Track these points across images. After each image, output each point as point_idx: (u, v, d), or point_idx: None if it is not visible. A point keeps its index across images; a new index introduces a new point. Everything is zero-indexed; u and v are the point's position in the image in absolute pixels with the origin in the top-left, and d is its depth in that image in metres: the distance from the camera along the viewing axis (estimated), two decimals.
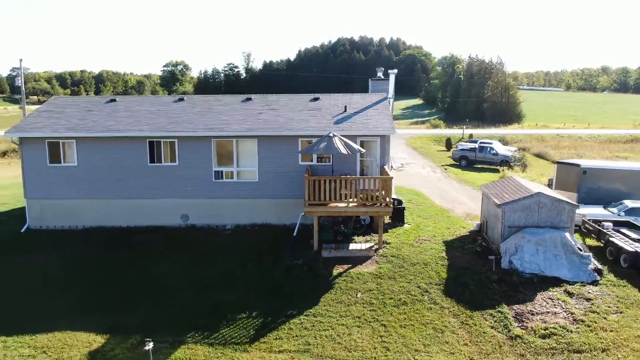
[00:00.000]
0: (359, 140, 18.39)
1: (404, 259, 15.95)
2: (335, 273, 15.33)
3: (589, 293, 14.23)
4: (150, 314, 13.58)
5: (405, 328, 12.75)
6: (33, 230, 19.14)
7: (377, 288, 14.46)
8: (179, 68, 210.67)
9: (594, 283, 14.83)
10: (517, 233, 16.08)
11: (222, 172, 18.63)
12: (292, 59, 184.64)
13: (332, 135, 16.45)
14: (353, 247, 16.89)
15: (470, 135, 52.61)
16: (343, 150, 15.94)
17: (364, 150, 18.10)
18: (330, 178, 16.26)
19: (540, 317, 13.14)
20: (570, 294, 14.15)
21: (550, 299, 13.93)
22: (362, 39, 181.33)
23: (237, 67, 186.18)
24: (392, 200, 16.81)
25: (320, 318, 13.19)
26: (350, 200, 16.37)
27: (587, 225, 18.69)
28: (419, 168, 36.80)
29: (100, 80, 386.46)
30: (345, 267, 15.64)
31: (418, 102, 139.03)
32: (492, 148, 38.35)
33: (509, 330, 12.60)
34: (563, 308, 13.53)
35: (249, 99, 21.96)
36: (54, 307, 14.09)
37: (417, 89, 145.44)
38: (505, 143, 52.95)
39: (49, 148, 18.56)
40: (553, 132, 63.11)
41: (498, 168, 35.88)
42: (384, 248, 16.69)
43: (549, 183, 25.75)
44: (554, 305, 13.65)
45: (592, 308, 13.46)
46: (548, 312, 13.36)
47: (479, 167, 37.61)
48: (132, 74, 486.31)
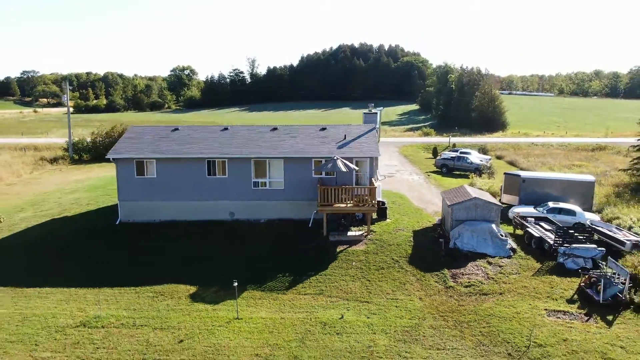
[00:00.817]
0: (355, 160, 26.04)
1: (384, 242, 23.72)
2: (338, 250, 23.08)
3: (503, 263, 21.96)
4: (220, 275, 21.28)
5: (382, 282, 20.50)
6: (123, 223, 26.91)
7: (365, 259, 22.22)
8: (186, 73, 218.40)
9: (509, 257, 22.55)
10: (461, 224, 23.81)
11: (258, 182, 26.38)
12: (295, 65, 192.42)
13: (335, 158, 24.20)
14: (350, 234, 24.63)
15: (454, 145, 60.20)
16: (343, 169, 23.71)
17: (358, 168, 25.83)
18: (335, 187, 24.03)
19: (467, 276, 20.88)
20: (490, 263, 21.88)
21: (476, 266, 21.67)
22: (361, 46, 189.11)
23: (242, 72, 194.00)
24: (377, 202, 24.58)
25: (329, 276, 20.94)
26: (348, 202, 24.14)
27: (516, 220, 26.43)
28: (407, 175, 44.39)
29: (107, 84, 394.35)
30: (345, 246, 23.39)
31: (415, 107, 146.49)
32: (467, 158, 46.05)
33: (446, 283, 20.34)
34: (483, 271, 21.27)
35: (275, 129, 29.52)
36: (157, 271, 21.83)
37: (414, 95, 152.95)
38: (485, 151, 60.50)
39: (136, 165, 26.28)
40: (531, 140, 70.77)
41: (470, 175, 43.53)
42: (371, 234, 24.44)
43: (501, 188, 33.46)
44: (477, 270, 21.40)
45: (500, 271, 21.22)
46: (472, 273, 21.11)
47: (457, 173, 45.17)
48: (136, 76, 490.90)
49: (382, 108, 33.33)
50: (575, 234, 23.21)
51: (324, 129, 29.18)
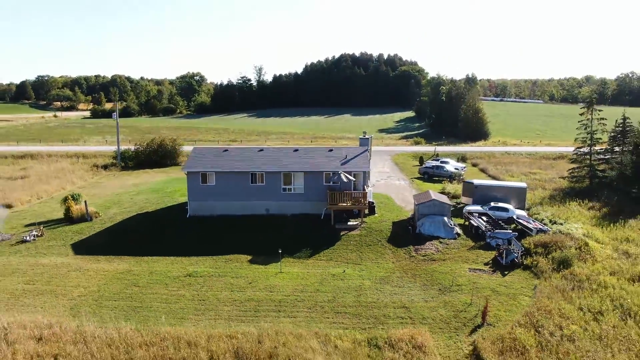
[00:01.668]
0: (352, 173, 37.50)
1: (372, 229, 35.25)
2: (341, 234, 34.58)
3: (449, 242, 33.44)
4: (264, 249, 32.72)
5: (369, 253, 32.00)
6: (192, 217, 38.44)
7: (359, 239, 33.75)
8: (196, 79, 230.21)
9: (454, 238, 34.01)
10: (424, 217, 35.27)
11: (286, 188, 37.87)
12: (299, 73, 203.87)
13: (340, 172, 35.72)
14: (350, 223, 36.11)
15: (437, 154, 71.58)
16: (345, 180, 35.24)
17: (354, 179, 37.31)
18: (339, 192, 35.53)
19: (424, 250, 32.36)
20: (441, 242, 33.36)
21: (432, 244, 33.13)
22: (362, 55, 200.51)
23: (250, 80, 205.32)
24: (368, 202, 36.09)
25: (335, 250, 32.45)
26: (348, 202, 35.63)
27: (466, 214, 37.91)
28: (395, 180, 55.77)
29: (116, 86, 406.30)
30: (346, 232, 34.89)
31: (411, 114, 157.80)
32: (444, 167, 57.49)
33: (410, 254, 31.83)
34: (435, 247, 32.74)
35: (296, 150, 40.93)
36: (222, 247, 33.29)
37: (411, 102, 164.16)
38: (464, 160, 71.87)
39: (201, 176, 37.82)
40: (505, 149, 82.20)
41: (444, 180, 54.90)
42: (363, 224, 35.94)
43: (462, 192, 44.84)
44: (432, 246, 32.86)
45: (447, 247, 32.71)
46: (428, 248, 32.57)
47: (436, 179, 56.51)
48: (143, 79, 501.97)
49: (371, 136, 44.50)
50: (500, 223, 34.81)
51: (331, 150, 40.68)
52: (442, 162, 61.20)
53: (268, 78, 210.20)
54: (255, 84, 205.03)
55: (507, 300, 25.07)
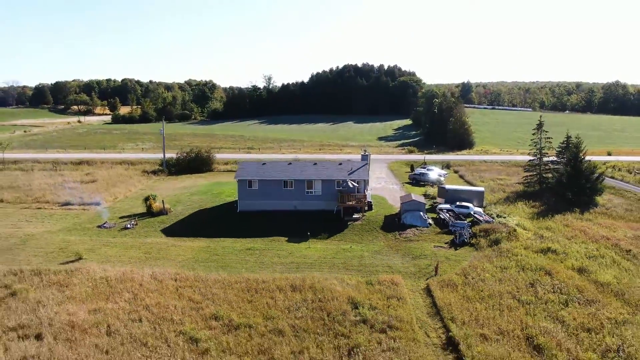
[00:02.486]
0: (356, 180, 52.39)
1: (370, 220, 50.26)
2: (349, 224, 49.56)
3: (423, 229, 48.34)
4: (295, 233, 47.62)
5: (368, 236, 46.94)
6: (241, 211, 53.44)
7: (360, 227, 48.74)
8: (208, 86, 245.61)
9: (427, 227, 48.93)
10: (406, 212, 50.20)
11: (308, 191, 52.82)
12: (305, 82, 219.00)
13: (347, 180, 50.68)
14: (354, 216, 51.04)
15: (425, 163, 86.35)
16: (351, 186, 50.24)
17: (358, 185, 52.23)
18: (347, 194, 50.53)
19: (405, 234, 47.27)
20: (417, 229, 48.27)
21: (411, 230, 48.02)
22: (364, 66, 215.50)
23: (259, 88, 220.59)
24: (367, 202, 51.10)
25: (344, 234, 47.41)
26: (353, 202, 50.63)
27: (437, 210, 52.84)
28: (390, 185, 70.68)
29: (127, 90, 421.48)
30: (351, 222, 49.86)
31: (408, 122, 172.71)
32: (427, 174, 72.36)
33: (395, 237, 46.74)
34: (413, 232, 47.67)
35: (315, 164, 55.91)
36: (266, 232, 48.24)
37: (409, 110, 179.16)
38: (448, 167, 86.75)
39: (247, 183, 52.84)
40: (484, 157, 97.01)
41: (427, 185, 69.68)
42: (364, 217, 50.93)
43: (440, 193, 59.65)
44: (411, 232, 47.72)
45: (421, 232, 47.62)
46: (408, 233, 47.48)
47: (422, 184, 71.40)
48: (152, 82, 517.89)
49: (369, 154, 59.31)
50: (460, 216, 49.77)
51: (341, 164, 55.68)
52: (427, 169, 76.19)
53: (277, 84, 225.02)
54: (265, 92, 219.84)
55: (453, 263, 39.96)
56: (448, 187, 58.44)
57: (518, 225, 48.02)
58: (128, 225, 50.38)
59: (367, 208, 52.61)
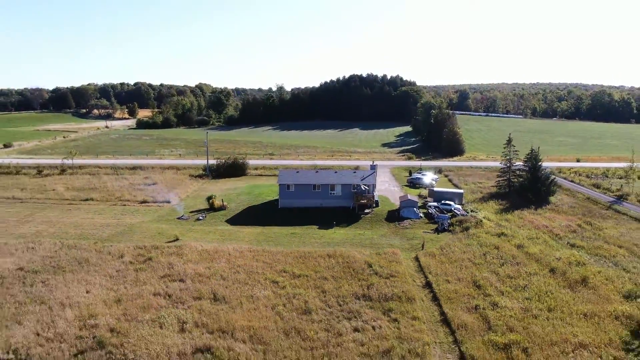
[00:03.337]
0: (367, 184, 70.66)
1: (377, 213, 68.69)
2: (362, 216, 67.98)
3: (416, 221, 66.69)
4: (323, 222, 65.92)
5: (375, 224, 65.29)
6: (281, 207, 71.84)
7: (370, 219, 67.15)
8: (224, 94, 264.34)
9: (419, 219, 67.31)
10: (403, 208, 68.57)
11: (331, 192, 71.14)
12: (314, 90, 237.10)
13: (360, 184, 69.11)
14: (366, 211, 69.41)
15: (420, 168, 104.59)
16: (363, 188, 68.67)
17: (368, 187, 70.55)
18: (359, 194, 68.96)
19: (403, 224, 65.61)
20: (412, 221, 66.63)
21: (407, 222, 66.39)
22: (368, 76, 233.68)
23: (272, 96, 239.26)
24: (375, 200, 69.55)
25: (359, 223, 65.81)
26: (365, 200, 69.05)
27: (427, 206, 71.20)
28: (392, 187, 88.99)
29: (139, 93, 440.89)
30: (364, 215, 68.27)
31: (408, 129, 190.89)
32: (422, 178, 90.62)
33: (396, 226, 65.09)
34: (408, 223, 66.00)
35: (336, 172, 74.32)
36: (301, 222, 66.56)
37: (409, 118, 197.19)
38: (440, 171, 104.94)
39: (287, 186, 71.28)
40: (470, 163, 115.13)
41: (421, 187, 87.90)
42: (372, 212, 69.33)
43: (428, 194, 77.96)
44: (407, 222, 66.06)
45: (415, 223, 65.94)
46: (405, 223, 65.85)
47: (417, 186, 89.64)
48: (162, 85, 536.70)
49: (376, 164, 77.66)
50: (444, 211, 68.17)
51: (355, 172, 74.10)
52: (422, 174, 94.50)
53: (287, 87, 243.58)
54: (277, 100, 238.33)
55: (435, 242, 58.22)
56: (436, 189, 76.80)
57: (484, 218, 66.30)
58: (200, 217, 68.87)
59: (375, 205, 70.97)
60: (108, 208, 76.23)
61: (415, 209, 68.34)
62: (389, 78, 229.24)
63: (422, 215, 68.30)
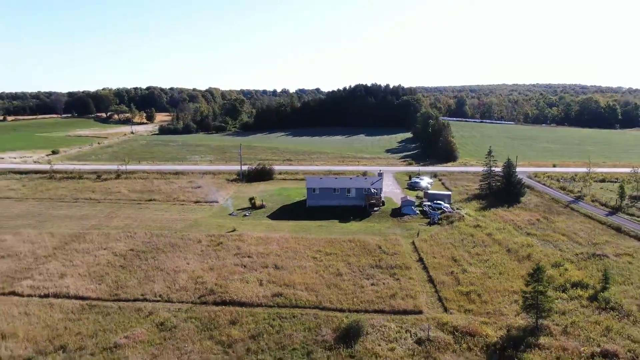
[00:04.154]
0: (376, 188, 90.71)
1: (383, 211, 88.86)
2: (372, 213, 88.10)
3: (414, 216, 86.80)
4: (342, 217, 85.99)
5: (382, 219, 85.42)
6: (309, 206, 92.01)
7: (378, 215, 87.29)
8: (239, 101, 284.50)
9: (416, 215, 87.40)
10: (403, 206, 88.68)
11: (348, 194, 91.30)
12: (323, 98, 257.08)
13: (370, 188, 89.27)
14: (375, 209, 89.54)
15: (419, 173, 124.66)
16: (372, 191, 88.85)
17: (376, 190, 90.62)
18: (370, 196, 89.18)
19: (403, 219, 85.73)
20: (410, 216, 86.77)
21: (407, 217, 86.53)
22: (373, 86, 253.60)
23: (284, 104, 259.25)
24: (381, 200, 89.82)
25: (369, 219, 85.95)
26: (374, 200, 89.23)
27: (422, 205, 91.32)
28: (395, 189, 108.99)
29: (153, 98, 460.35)
30: (373, 212, 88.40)
31: (410, 135, 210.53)
32: (419, 182, 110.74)
33: (398, 220, 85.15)
34: (408, 217, 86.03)
35: (351, 178, 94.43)
36: (326, 217, 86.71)
37: (410, 125, 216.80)
38: (436, 176, 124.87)
39: (313, 189, 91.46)
40: (461, 169, 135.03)
41: (418, 190, 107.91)
42: (380, 209, 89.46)
43: (424, 195, 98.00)
44: (407, 217, 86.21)
45: (413, 218, 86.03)
46: (405, 218, 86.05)
47: (416, 189, 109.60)
48: (172, 89, 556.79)
49: (382, 172, 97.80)
50: (435, 209, 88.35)
51: (366, 178, 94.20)
52: (420, 179, 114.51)
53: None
54: (289, 108, 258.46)
55: (427, 232, 78.21)
56: (429, 192, 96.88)
57: (466, 214, 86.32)
58: (246, 214, 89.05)
59: (382, 204, 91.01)
60: (170, 207, 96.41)
61: (413, 207, 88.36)
62: (391, 88, 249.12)
63: (418, 212, 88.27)
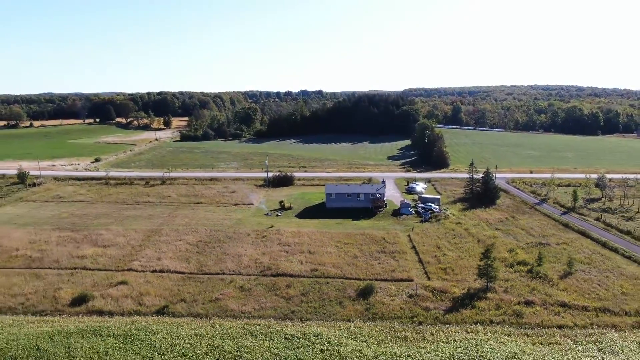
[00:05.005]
0: (380, 193, 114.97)
1: (386, 212, 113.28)
2: (377, 213, 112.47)
3: (410, 216, 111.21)
4: (355, 216, 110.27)
5: (384, 218, 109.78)
6: (328, 208, 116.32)
7: (382, 215, 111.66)
8: (252, 110, 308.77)
9: (412, 214, 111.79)
10: (402, 207, 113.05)
11: (358, 198, 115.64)
12: (330, 108, 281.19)
13: (375, 193, 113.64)
14: (379, 210, 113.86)
15: (415, 179, 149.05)
16: (378, 196, 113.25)
17: (381, 195, 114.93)
18: (375, 199, 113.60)
19: (402, 218, 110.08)
20: (407, 216, 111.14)
21: (404, 216, 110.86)
22: (375, 96, 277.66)
23: (294, 113, 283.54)
24: (384, 203, 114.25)
25: (375, 218, 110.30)
26: (378, 203, 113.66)
27: (417, 207, 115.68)
28: (395, 194, 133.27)
29: (166, 103, 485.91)
30: (378, 213, 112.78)
31: (409, 142, 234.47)
32: (415, 187, 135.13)
33: (397, 219, 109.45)
34: (405, 217, 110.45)
35: (360, 185, 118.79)
36: (341, 216, 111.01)
37: (409, 133, 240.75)
38: (429, 181, 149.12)
39: (330, 194, 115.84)
40: (450, 175, 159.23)
41: (414, 194, 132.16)
42: (383, 211, 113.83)
43: (418, 198, 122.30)
44: (404, 217, 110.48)
45: (409, 217, 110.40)
46: (403, 217, 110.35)
47: (413, 193, 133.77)
48: (182, 93, 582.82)
49: (385, 181, 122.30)
50: (426, 210, 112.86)
51: (372, 185, 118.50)
52: (416, 184, 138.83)
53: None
54: (299, 116, 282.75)
55: (420, 227, 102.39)
56: (423, 196, 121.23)
57: (451, 214, 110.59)
58: (278, 214, 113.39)
59: (385, 206, 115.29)
60: (216, 208, 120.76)
61: (409, 208, 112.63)
62: (392, 98, 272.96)
63: (413, 212, 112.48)
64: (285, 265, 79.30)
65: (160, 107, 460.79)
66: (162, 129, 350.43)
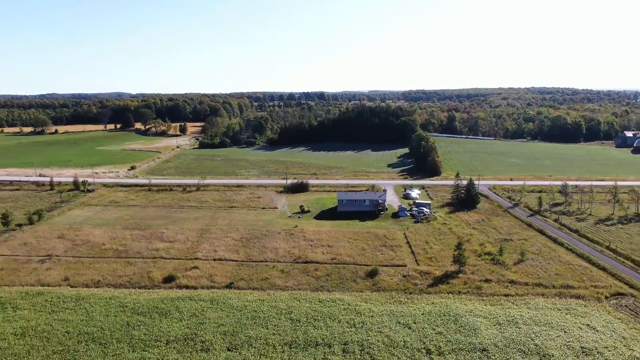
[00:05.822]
0: (382, 198, 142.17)
1: (387, 214, 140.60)
2: (379, 215, 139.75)
3: (406, 217, 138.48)
4: (361, 218, 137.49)
5: (386, 220, 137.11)
6: (339, 211, 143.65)
7: (383, 217, 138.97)
8: (263, 120, 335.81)
9: (407, 216, 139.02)
10: (400, 211, 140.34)
11: (363, 203, 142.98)
12: (335, 118, 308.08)
13: (378, 199, 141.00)
14: (381, 213, 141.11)
15: (411, 186, 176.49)
16: (380, 201, 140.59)
17: (382, 200, 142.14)
18: (377, 203, 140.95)
19: (399, 219, 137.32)
20: (403, 218, 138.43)
21: (401, 218, 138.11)
22: (376, 107, 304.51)
23: (303, 122, 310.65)
24: (385, 207, 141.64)
25: (378, 220, 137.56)
26: (380, 207, 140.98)
27: (412, 210, 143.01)
28: (394, 199, 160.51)
29: (178, 109, 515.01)
30: (380, 215, 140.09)
31: (407, 151, 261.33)
32: (410, 193, 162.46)
33: (396, 220, 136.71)
34: (402, 218, 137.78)
35: (366, 192, 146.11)
36: (350, 217, 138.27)
37: (407, 142, 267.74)
38: (424, 188, 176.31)
39: (342, 200, 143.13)
40: (443, 182, 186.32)
41: (410, 199, 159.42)
42: (384, 213, 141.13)
43: (412, 203, 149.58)
44: (401, 219, 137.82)
45: (405, 218, 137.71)
46: (400, 219, 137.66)
47: (408, 198, 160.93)
48: (192, 98, 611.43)
49: (386, 190, 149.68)
50: (419, 212, 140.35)
51: (375, 192, 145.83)
52: (411, 191, 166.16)
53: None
54: (307, 126, 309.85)
55: (413, 227, 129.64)
56: (417, 201, 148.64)
57: (439, 216, 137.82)
58: (299, 216, 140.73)
59: (385, 210, 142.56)
60: (247, 211, 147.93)
61: (406, 212, 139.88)
62: (393, 109, 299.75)
63: (409, 215, 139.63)
64: (312, 255, 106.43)
65: (174, 112, 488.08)
66: (178, 135, 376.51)
